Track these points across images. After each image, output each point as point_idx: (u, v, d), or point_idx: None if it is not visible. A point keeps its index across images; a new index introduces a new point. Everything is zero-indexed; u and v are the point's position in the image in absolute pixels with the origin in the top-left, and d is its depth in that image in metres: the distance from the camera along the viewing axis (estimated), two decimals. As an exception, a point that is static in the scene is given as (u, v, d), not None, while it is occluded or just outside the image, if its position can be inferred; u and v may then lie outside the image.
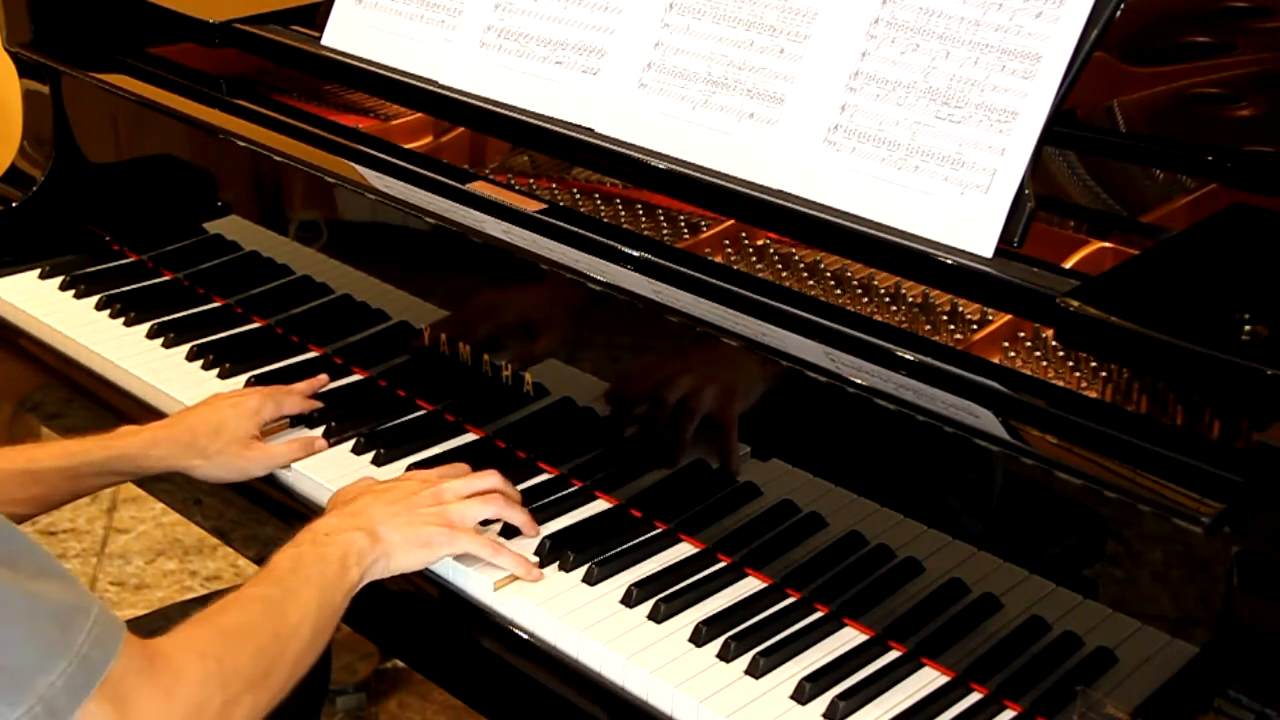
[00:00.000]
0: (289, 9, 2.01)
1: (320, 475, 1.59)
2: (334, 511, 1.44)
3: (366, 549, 1.36)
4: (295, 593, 1.29)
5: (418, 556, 1.40)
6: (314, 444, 1.63)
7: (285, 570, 1.31)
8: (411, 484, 1.47)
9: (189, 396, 1.74)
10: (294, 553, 1.34)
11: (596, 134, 1.61)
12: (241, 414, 1.61)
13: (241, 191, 1.97)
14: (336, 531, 1.37)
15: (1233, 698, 1.11)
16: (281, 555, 1.33)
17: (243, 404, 1.62)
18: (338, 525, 1.38)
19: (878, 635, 1.35)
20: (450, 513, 1.43)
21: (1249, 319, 1.14)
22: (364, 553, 1.35)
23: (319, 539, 1.36)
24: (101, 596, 2.82)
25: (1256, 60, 1.66)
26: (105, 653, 1.08)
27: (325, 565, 1.32)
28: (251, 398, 1.64)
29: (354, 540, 1.36)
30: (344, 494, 1.49)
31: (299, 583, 1.30)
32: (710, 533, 1.46)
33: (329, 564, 1.33)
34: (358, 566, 1.34)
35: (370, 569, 1.36)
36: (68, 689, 1.05)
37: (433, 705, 2.55)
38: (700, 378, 1.46)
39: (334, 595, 1.31)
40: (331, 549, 1.34)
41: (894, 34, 1.44)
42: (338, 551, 1.34)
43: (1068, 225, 1.49)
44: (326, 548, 1.34)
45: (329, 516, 1.42)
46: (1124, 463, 1.16)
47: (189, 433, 1.58)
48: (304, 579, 1.30)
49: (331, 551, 1.34)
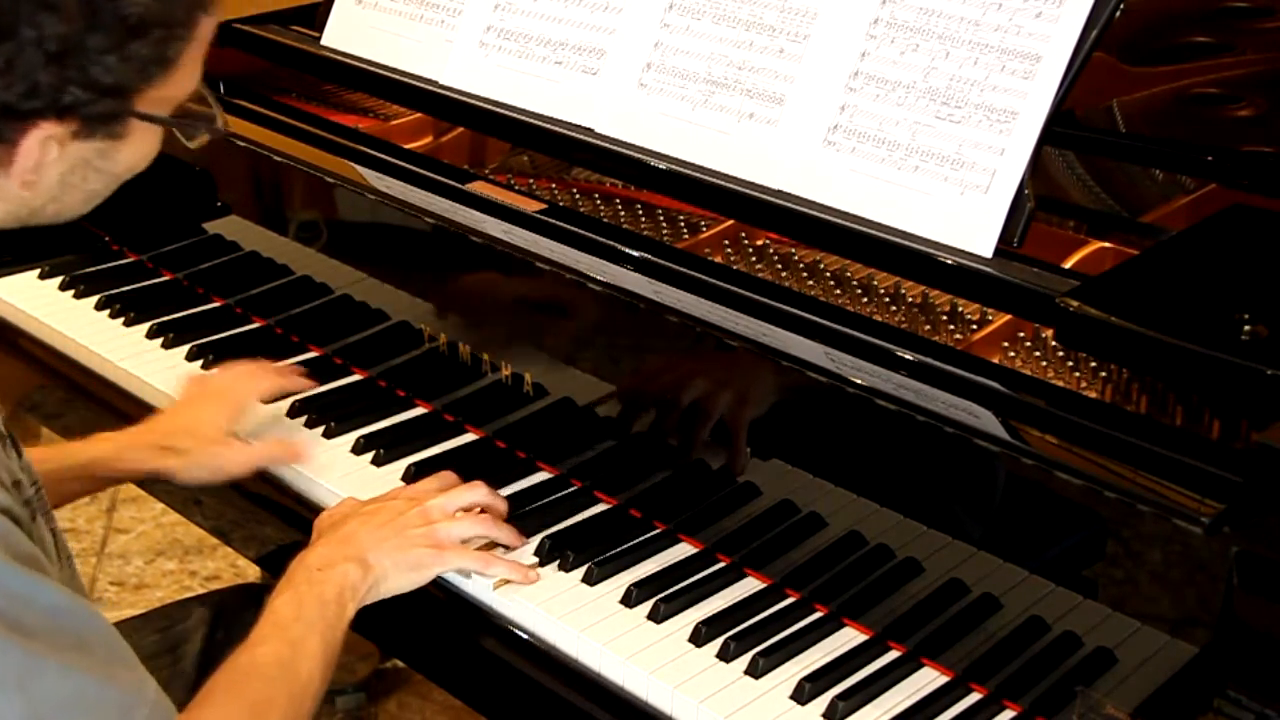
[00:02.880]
0: (289, 9, 2.01)
1: (320, 475, 1.59)
2: (323, 540, 1.42)
3: (359, 581, 1.36)
4: (303, 645, 1.29)
5: (408, 579, 1.40)
6: (295, 449, 1.61)
7: (290, 619, 1.31)
8: (398, 503, 1.46)
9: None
10: (293, 597, 1.33)
11: (596, 134, 1.61)
12: (217, 413, 1.59)
13: (241, 191, 1.97)
14: (329, 565, 1.36)
15: (1233, 698, 1.11)
16: (281, 601, 1.33)
17: (219, 400, 1.61)
18: (328, 558, 1.37)
19: (877, 635, 1.35)
20: (438, 532, 1.42)
21: (1249, 319, 1.14)
22: (357, 586, 1.36)
23: (313, 577, 1.35)
24: (101, 596, 2.82)
25: (1256, 60, 1.66)
26: None
27: (325, 608, 1.32)
28: (226, 394, 1.62)
29: (347, 574, 1.36)
30: (330, 516, 1.48)
31: (304, 633, 1.30)
32: (710, 533, 1.46)
33: (328, 605, 1.33)
34: (353, 601, 1.35)
35: (364, 599, 1.37)
36: None
37: (433, 705, 2.55)
38: (700, 378, 1.46)
39: (335, 636, 1.32)
40: (328, 589, 1.34)
41: (894, 34, 1.44)
42: (334, 590, 1.34)
43: (1068, 225, 1.49)
44: (323, 587, 1.34)
45: (319, 546, 1.41)
46: (1124, 463, 1.16)
47: (163, 435, 1.58)
48: (308, 627, 1.31)
49: (328, 591, 1.34)
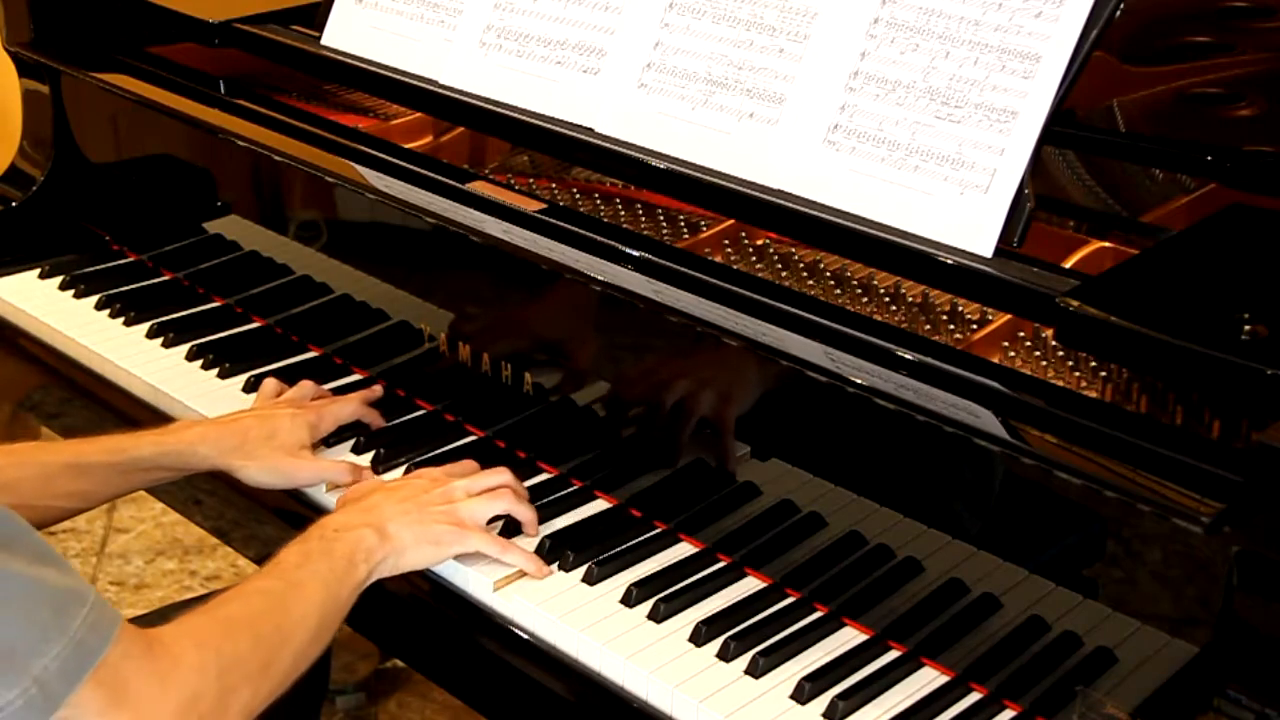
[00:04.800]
0: (289, 9, 2.01)
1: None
2: (345, 508, 1.44)
3: (375, 547, 1.36)
4: (300, 586, 1.29)
5: (427, 554, 1.40)
6: (359, 470, 1.58)
7: (291, 565, 1.32)
8: (422, 482, 1.47)
9: (188, 396, 1.74)
10: (301, 548, 1.34)
11: (596, 134, 1.61)
12: (298, 425, 1.58)
13: (241, 191, 1.97)
14: (346, 528, 1.37)
15: (1233, 698, 1.11)
16: (289, 550, 1.34)
17: (301, 416, 1.59)
18: (347, 522, 1.39)
19: (877, 635, 1.35)
20: (460, 510, 1.43)
21: (1249, 319, 1.14)
22: (372, 550, 1.36)
23: (328, 534, 1.36)
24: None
25: (1256, 60, 1.66)
26: (100, 638, 1.08)
27: (333, 561, 1.32)
28: (310, 413, 1.60)
29: (363, 537, 1.36)
30: (355, 492, 1.50)
31: (304, 577, 1.30)
32: (710, 532, 1.46)
33: (336, 559, 1.33)
34: (365, 564, 1.35)
35: (379, 567, 1.37)
36: (61, 672, 1.05)
37: (433, 705, 2.55)
38: (700, 378, 1.46)
39: (340, 591, 1.32)
40: (340, 545, 1.34)
41: (894, 34, 1.44)
42: (346, 548, 1.34)
43: (1068, 225, 1.49)
44: (335, 543, 1.35)
45: (339, 513, 1.43)
46: (1124, 463, 1.16)
47: (240, 434, 1.56)
48: (310, 573, 1.31)
49: (340, 548, 1.34)
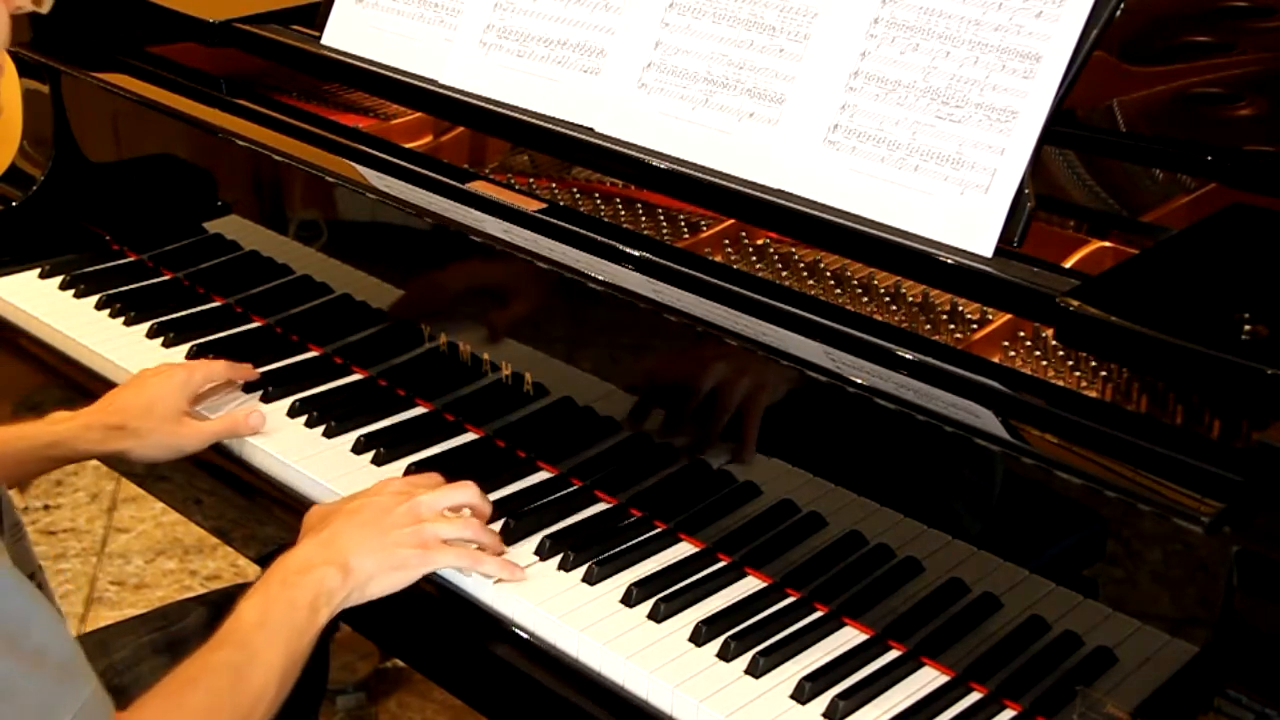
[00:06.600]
0: (289, 9, 2.01)
1: (321, 475, 1.59)
2: (306, 539, 1.40)
3: (337, 588, 1.34)
4: (261, 654, 1.28)
5: (394, 579, 1.38)
6: (248, 418, 1.62)
7: (252, 625, 1.30)
8: (384, 499, 1.43)
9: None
10: (262, 597, 1.32)
11: (596, 134, 1.61)
12: (171, 386, 1.61)
13: (241, 191, 1.97)
14: (307, 569, 1.34)
15: (1233, 698, 1.11)
16: (249, 604, 1.31)
17: (171, 377, 1.63)
18: (308, 560, 1.36)
19: (877, 635, 1.35)
20: (424, 531, 1.40)
21: (1249, 319, 1.14)
22: (334, 592, 1.34)
23: (289, 579, 1.33)
24: (101, 596, 2.82)
25: (1256, 60, 1.66)
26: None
27: (294, 612, 1.31)
28: (178, 370, 1.64)
29: (324, 579, 1.34)
30: (315, 515, 1.46)
31: (266, 641, 1.29)
32: (710, 532, 1.46)
33: (298, 610, 1.31)
34: (327, 607, 1.33)
35: (343, 603, 1.35)
36: None
37: (433, 705, 2.55)
38: (700, 377, 1.46)
39: (300, 643, 1.31)
40: (301, 593, 1.32)
41: (894, 34, 1.44)
42: (307, 595, 1.32)
43: (1068, 225, 1.49)
44: (296, 591, 1.32)
45: (301, 547, 1.39)
46: (1124, 462, 1.16)
47: (119, 414, 1.59)
48: (272, 633, 1.29)
49: (301, 595, 1.32)
